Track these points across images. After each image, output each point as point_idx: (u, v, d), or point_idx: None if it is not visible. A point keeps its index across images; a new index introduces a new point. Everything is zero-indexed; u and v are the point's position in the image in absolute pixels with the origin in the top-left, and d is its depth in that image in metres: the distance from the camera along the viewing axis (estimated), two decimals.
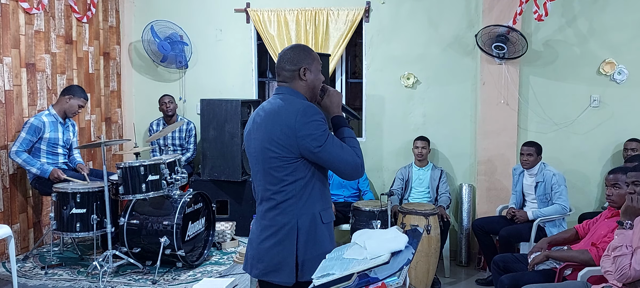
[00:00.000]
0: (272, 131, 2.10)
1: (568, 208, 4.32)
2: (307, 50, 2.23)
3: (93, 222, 4.14)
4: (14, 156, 4.29)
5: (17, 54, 4.47)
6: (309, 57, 2.20)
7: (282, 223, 2.14)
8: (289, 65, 2.18)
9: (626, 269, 2.65)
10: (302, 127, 2.05)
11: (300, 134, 2.05)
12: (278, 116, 2.10)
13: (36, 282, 4.01)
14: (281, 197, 2.13)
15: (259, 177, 2.20)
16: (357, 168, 2.12)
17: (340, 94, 2.29)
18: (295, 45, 2.26)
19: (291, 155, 2.09)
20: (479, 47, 4.90)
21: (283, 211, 2.14)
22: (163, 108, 5.63)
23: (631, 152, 4.63)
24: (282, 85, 2.21)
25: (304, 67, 2.17)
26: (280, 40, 5.51)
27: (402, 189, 4.99)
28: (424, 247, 4.14)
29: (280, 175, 2.11)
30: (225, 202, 5.35)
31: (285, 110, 2.09)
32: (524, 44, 4.69)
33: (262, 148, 2.13)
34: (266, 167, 2.14)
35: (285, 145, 2.08)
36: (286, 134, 2.07)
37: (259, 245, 2.19)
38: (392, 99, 5.45)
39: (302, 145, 2.06)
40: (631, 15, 4.91)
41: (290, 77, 2.18)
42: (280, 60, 2.21)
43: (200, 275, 4.17)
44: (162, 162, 4.24)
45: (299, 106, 2.09)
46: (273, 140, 2.09)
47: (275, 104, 2.14)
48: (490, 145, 5.09)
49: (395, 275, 1.66)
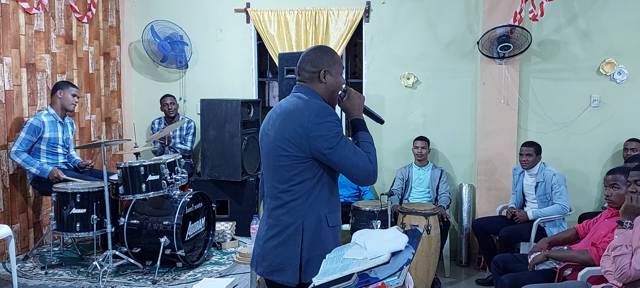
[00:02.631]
0: (284, 129, 2.10)
1: (568, 208, 4.32)
2: (329, 52, 2.21)
3: (93, 222, 4.14)
4: (14, 156, 4.29)
5: (17, 54, 4.47)
6: (331, 59, 2.19)
7: (287, 223, 2.14)
8: (309, 66, 2.18)
9: (626, 269, 2.65)
10: (314, 128, 2.04)
11: (312, 134, 2.04)
12: (292, 115, 2.09)
13: (36, 282, 4.01)
14: (288, 196, 2.13)
15: (268, 174, 2.20)
16: (369, 174, 2.09)
17: (362, 97, 2.26)
18: (318, 47, 2.24)
19: (302, 154, 2.08)
20: (482, 54, 4.91)
21: (289, 211, 2.13)
22: (165, 109, 5.63)
23: (631, 152, 4.63)
24: (301, 84, 2.21)
25: (325, 69, 2.17)
26: (280, 40, 5.51)
27: (402, 189, 4.99)
28: (424, 247, 4.14)
29: (289, 174, 2.11)
30: (225, 202, 5.35)
31: (300, 109, 2.09)
32: (528, 37, 4.68)
33: (273, 146, 2.13)
34: (276, 165, 2.14)
35: (297, 144, 2.07)
36: (298, 133, 2.06)
37: (264, 244, 2.20)
38: (392, 99, 5.45)
39: (313, 145, 2.06)
40: (631, 15, 4.91)
41: (309, 78, 2.18)
42: (302, 60, 2.20)
43: (200, 275, 4.17)
44: (162, 162, 4.24)
45: (313, 106, 2.08)
46: (285, 138, 2.09)
47: (292, 103, 2.14)
48: (490, 145, 5.09)
49: (395, 275, 1.66)
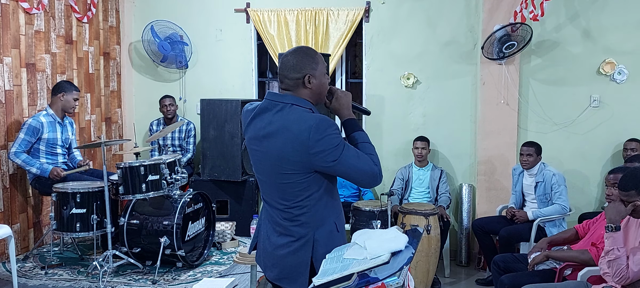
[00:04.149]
0: (283, 149, 2.00)
1: (568, 208, 4.32)
2: (310, 54, 2.07)
3: (93, 222, 4.14)
4: (13, 157, 4.28)
5: (17, 54, 4.47)
6: (313, 61, 2.05)
7: (299, 234, 2.07)
8: (292, 73, 2.03)
9: (624, 271, 2.65)
10: (315, 144, 1.94)
11: (314, 151, 1.95)
12: (289, 132, 1.98)
13: (36, 282, 4.01)
14: (297, 211, 2.06)
15: (270, 189, 2.11)
16: (375, 177, 2.02)
17: (348, 94, 2.16)
18: (297, 50, 2.08)
19: (304, 170, 2.00)
20: (487, 58, 4.91)
21: (301, 224, 2.07)
22: (163, 110, 5.63)
23: (631, 152, 4.63)
24: (286, 93, 2.06)
25: (308, 74, 2.03)
26: (280, 40, 5.51)
27: (402, 189, 4.99)
28: (424, 247, 4.14)
29: (294, 191, 2.04)
30: (225, 202, 5.35)
31: (296, 125, 1.97)
32: (529, 30, 4.67)
33: (272, 165, 2.04)
34: (278, 183, 2.06)
35: (298, 162, 1.99)
36: (298, 151, 1.97)
37: (275, 251, 2.12)
38: (392, 99, 5.45)
39: (316, 162, 1.98)
40: (631, 15, 4.90)
41: (294, 85, 2.04)
42: (283, 67, 2.06)
43: (200, 275, 4.17)
44: (162, 162, 4.24)
45: (311, 121, 1.96)
46: (284, 157, 2.00)
47: (285, 118, 2.01)
48: (490, 145, 5.08)
49: (395, 275, 1.67)
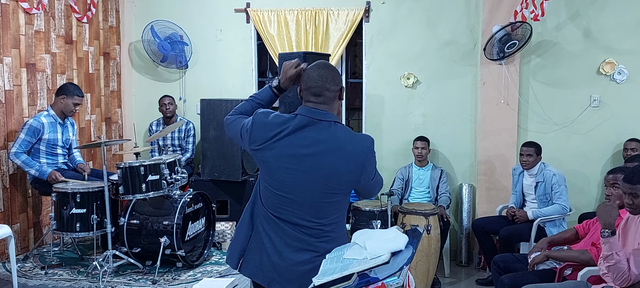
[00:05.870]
0: (334, 168, 2.00)
1: (568, 208, 4.32)
2: (334, 68, 2.11)
3: (93, 222, 4.14)
4: (13, 157, 4.28)
5: (17, 54, 4.47)
6: (339, 74, 2.11)
7: (324, 249, 2.02)
8: (333, 86, 2.03)
9: (626, 274, 2.65)
10: (368, 165, 2.03)
11: (366, 171, 2.03)
12: (343, 152, 1.99)
13: (36, 282, 4.01)
14: (329, 228, 2.07)
15: (298, 207, 2.04)
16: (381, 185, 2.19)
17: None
18: (325, 63, 2.09)
19: (348, 188, 2.07)
20: (488, 59, 4.91)
21: (329, 239, 2.06)
22: (162, 109, 5.63)
23: (631, 152, 4.63)
24: (322, 107, 2.03)
25: (342, 86, 2.08)
26: (280, 40, 5.51)
27: (402, 189, 4.99)
28: (424, 247, 4.14)
29: (332, 209, 2.06)
30: (225, 202, 5.35)
31: (351, 146, 2.01)
32: (528, 27, 4.68)
33: (318, 184, 2.01)
34: (318, 201, 2.03)
35: (348, 181, 2.03)
36: (351, 170, 2.01)
37: (293, 267, 2.06)
38: (392, 99, 5.45)
39: (361, 180, 2.05)
40: (631, 15, 4.91)
41: (332, 98, 2.04)
42: (324, 80, 2.02)
43: (200, 275, 4.17)
44: (162, 162, 4.24)
45: (367, 143, 2.04)
46: (334, 177, 2.00)
47: (336, 137, 2.01)
48: (490, 145, 5.09)
49: (395, 275, 1.66)
